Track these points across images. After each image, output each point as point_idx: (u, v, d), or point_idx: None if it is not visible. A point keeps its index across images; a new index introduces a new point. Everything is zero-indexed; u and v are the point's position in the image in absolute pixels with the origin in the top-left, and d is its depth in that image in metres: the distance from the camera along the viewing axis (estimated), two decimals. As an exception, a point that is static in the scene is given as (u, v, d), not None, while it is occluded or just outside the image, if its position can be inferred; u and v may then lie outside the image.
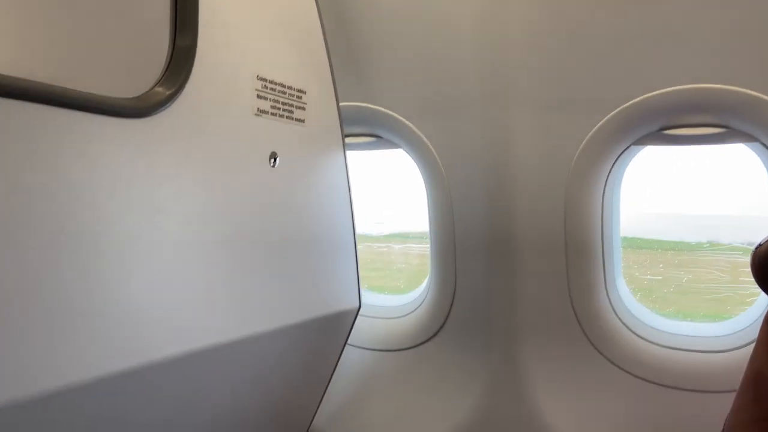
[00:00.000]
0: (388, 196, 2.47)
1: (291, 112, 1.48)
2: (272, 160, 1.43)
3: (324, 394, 1.83)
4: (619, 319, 1.77)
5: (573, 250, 1.73)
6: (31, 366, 0.93)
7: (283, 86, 1.45)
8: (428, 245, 2.01)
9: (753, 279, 1.14)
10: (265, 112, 1.40)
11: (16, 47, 0.97)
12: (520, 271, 1.80)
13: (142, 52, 1.17)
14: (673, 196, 1.94)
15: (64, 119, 0.98)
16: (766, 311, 1.21)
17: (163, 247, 1.14)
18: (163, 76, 1.18)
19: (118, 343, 1.05)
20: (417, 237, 2.15)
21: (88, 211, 1.02)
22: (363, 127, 1.97)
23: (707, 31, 1.47)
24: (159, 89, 1.15)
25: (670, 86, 1.53)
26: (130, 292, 1.09)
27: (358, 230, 1.68)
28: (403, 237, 2.74)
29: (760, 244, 1.11)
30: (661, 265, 2.17)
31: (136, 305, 1.09)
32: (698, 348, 1.69)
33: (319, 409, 1.88)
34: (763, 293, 1.19)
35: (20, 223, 0.92)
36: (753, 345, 1.55)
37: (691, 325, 1.81)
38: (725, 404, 1.21)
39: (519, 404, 1.81)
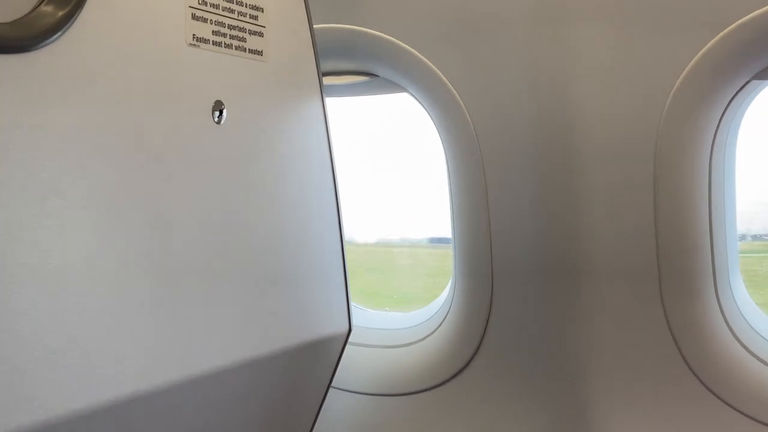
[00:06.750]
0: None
1: (243, 40, 1.32)
2: (217, 113, 1.27)
3: None
4: (737, 338, 1.50)
5: (666, 235, 1.49)
6: None
7: (230, 1, 1.31)
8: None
9: None
10: (205, 41, 1.25)
11: None
12: (586, 270, 1.57)
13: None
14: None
15: None
16: None
17: (60, 248, 1.00)
18: None
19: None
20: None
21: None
22: (350, 60, 1.75)
23: None
24: (46, 8, 1.02)
25: None
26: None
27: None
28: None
29: None
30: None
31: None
32: None
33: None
34: None
35: None
36: None
37: None
38: None
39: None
